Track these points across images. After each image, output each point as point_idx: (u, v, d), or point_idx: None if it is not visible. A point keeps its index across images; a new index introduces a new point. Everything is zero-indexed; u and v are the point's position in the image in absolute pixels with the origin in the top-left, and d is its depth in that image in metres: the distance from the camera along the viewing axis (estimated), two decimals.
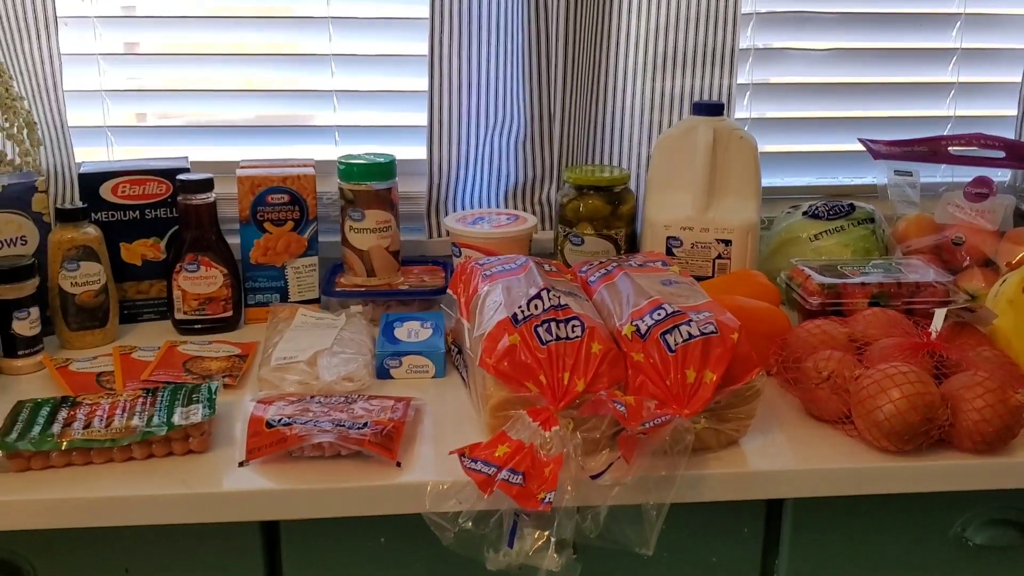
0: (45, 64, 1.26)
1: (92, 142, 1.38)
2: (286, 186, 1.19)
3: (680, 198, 1.23)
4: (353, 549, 0.91)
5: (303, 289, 1.24)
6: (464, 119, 1.33)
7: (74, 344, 1.14)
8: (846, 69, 1.48)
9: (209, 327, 1.19)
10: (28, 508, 0.84)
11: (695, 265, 1.23)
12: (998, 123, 1.47)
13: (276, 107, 1.44)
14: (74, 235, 1.12)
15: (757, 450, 0.92)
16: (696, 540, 0.95)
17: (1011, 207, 1.28)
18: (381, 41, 1.40)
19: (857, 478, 0.90)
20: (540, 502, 0.79)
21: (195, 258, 1.17)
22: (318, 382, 1.00)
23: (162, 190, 1.20)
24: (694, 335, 0.87)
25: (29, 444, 0.86)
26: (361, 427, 0.89)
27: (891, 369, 0.91)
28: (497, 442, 0.83)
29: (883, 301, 1.11)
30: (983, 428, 0.89)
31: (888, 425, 0.89)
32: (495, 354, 0.87)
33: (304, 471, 0.87)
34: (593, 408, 0.83)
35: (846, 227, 1.27)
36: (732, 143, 1.23)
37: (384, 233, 1.22)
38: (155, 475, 0.87)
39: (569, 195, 1.27)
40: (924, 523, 0.97)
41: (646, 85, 1.34)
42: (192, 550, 0.90)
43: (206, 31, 1.38)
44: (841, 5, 1.44)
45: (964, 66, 1.48)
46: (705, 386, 0.86)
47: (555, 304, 0.90)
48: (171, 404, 0.93)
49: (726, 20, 1.31)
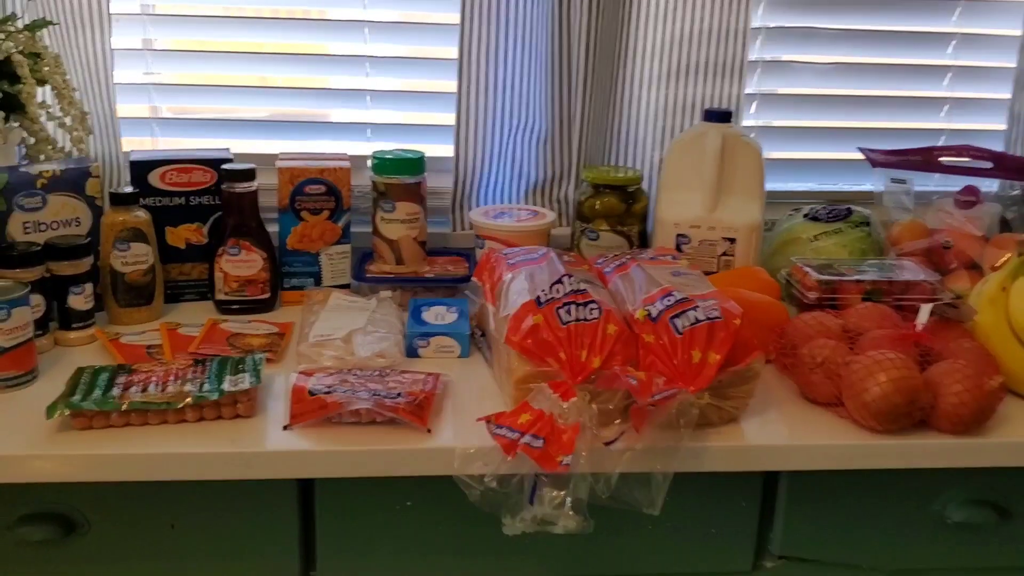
0: (98, 58, 1.34)
1: (137, 132, 1.46)
2: (323, 178, 1.27)
3: (689, 198, 1.32)
4: (381, 509, 1.00)
5: (336, 275, 1.32)
6: (489, 120, 1.41)
7: (122, 320, 1.22)
8: (848, 82, 1.57)
9: (247, 308, 1.27)
10: (90, 462, 0.92)
11: (702, 261, 1.31)
12: (989, 136, 1.55)
13: (313, 104, 1.52)
14: (126, 218, 1.20)
15: (755, 427, 1.01)
16: (697, 512, 1.03)
17: (997, 214, 1.36)
18: (413, 45, 1.49)
19: (847, 453, 0.99)
20: (558, 464, 0.87)
21: (237, 243, 1.25)
22: (353, 357, 1.08)
23: (207, 178, 1.27)
24: (700, 319, 0.95)
25: (93, 404, 0.94)
26: (395, 397, 0.97)
27: (879, 356, 0.99)
28: (520, 411, 0.92)
29: (875, 297, 1.19)
30: (960, 411, 0.97)
31: (875, 406, 0.97)
32: (520, 332, 0.95)
33: (342, 435, 0.95)
34: (608, 382, 0.91)
35: (844, 229, 1.36)
36: (739, 148, 1.31)
37: (413, 224, 1.31)
38: (206, 435, 0.95)
39: (586, 193, 1.36)
40: (908, 501, 1.05)
41: (660, 93, 1.42)
42: (231, 507, 0.98)
43: (252, 32, 1.47)
44: (845, 22, 1.53)
45: (958, 82, 1.56)
46: (709, 366, 0.94)
47: (575, 289, 0.98)
48: (220, 373, 1.01)
49: (736, 34, 1.40)
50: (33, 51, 1.23)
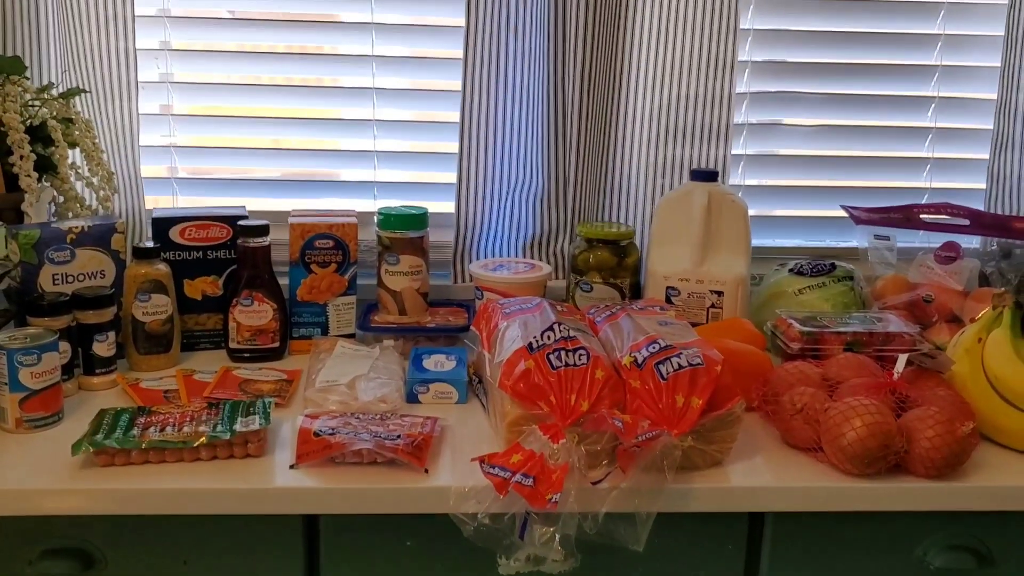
0: (125, 123, 1.44)
1: (160, 191, 1.56)
2: (332, 233, 1.35)
3: (679, 252, 1.39)
4: (383, 547, 1.05)
5: (342, 325, 1.39)
6: (489, 178, 1.50)
7: (141, 367, 1.29)
8: (834, 143, 1.65)
9: (258, 356, 1.34)
10: (112, 496, 0.98)
11: (691, 313, 1.38)
12: (970, 195, 1.62)
13: (324, 164, 1.62)
14: (148, 270, 1.28)
15: (738, 470, 1.06)
16: (685, 553, 1.08)
17: (976, 269, 1.43)
18: (417, 109, 1.58)
19: (824, 495, 1.04)
20: (548, 502, 0.92)
21: (250, 294, 1.32)
22: (356, 402, 1.15)
23: (223, 234, 1.36)
24: (683, 366, 1.01)
25: (114, 442, 1.01)
26: (395, 438, 1.03)
27: (855, 402, 1.05)
28: (512, 452, 0.97)
29: (856, 348, 1.25)
30: (933, 455, 1.02)
31: (851, 450, 1.02)
32: (512, 377, 1.02)
33: (345, 474, 1.01)
34: (595, 424, 0.97)
35: (827, 283, 1.42)
36: (725, 206, 1.39)
37: (416, 276, 1.38)
38: (219, 473, 1.01)
39: (580, 247, 1.43)
40: (890, 546, 1.09)
41: (650, 154, 1.51)
42: (241, 545, 1.03)
43: (267, 98, 1.57)
44: (827, 87, 1.61)
45: (939, 143, 1.64)
46: (692, 410, 1.00)
47: (565, 336, 1.05)
48: (232, 415, 1.07)
49: (721, 99, 1.49)
50: (66, 116, 1.33)
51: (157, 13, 1.50)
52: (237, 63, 1.56)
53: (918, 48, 1.61)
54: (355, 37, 1.54)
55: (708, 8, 1.46)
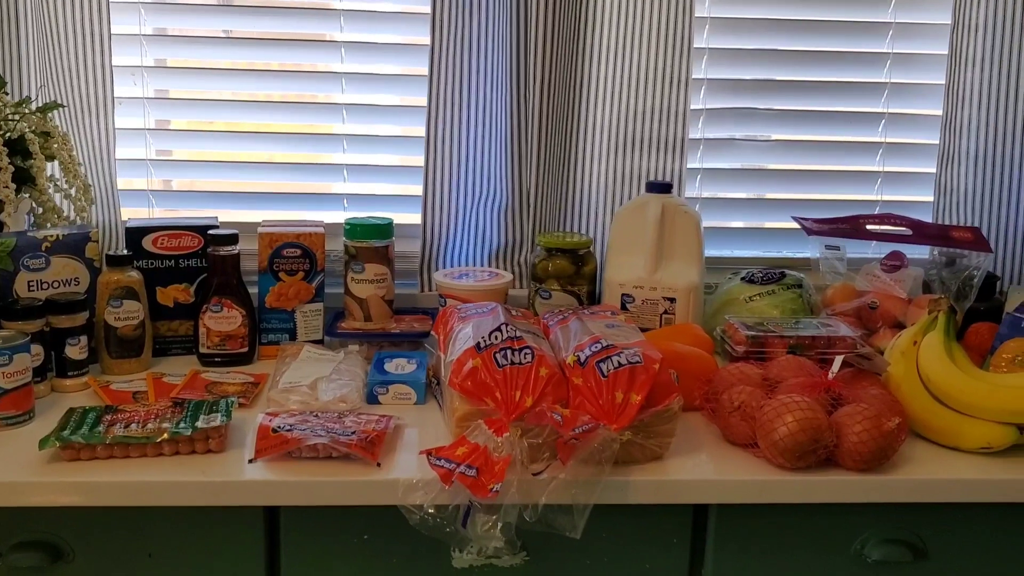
0: (102, 137, 1.50)
1: (136, 203, 1.61)
2: (299, 242, 1.41)
3: (634, 261, 1.44)
4: (340, 540, 1.09)
5: (310, 331, 1.44)
6: (454, 191, 1.56)
7: (113, 370, 1.34)
8: (788, 158, 1.71)
9: (228, 360, 1.39)
10: (76, 488, 1.03)
11: (645, 319, 1.43)
12: (919, 207, 1.68)
13: (296, 177, 1.67)
14: (120, 277, 1.33)
15: (678, 465, 1.11)
16: (632, 548, 1.12)
17: (920, 277, 1.48)
18: (386, 124, 1.65)
19: (759, 488, 1.08)
20: (489, 491, 0.97)
21: (219, 301, 1.37)
22: (317, 402, 1.20)
23: (194, 243, 1.41)
24: (623, 363, 1.07)
25: (80, 438, 1.06)
26: (350, 434, 1.08)
27: (787, 399, 1.10)
28: (458, 444, 1.02)
29: (799, 351, 1.30)
30: (861, 448, 1.07)
31: (783, 444, 1.07)
32: (461, 374, 1.07)
33: (301, 468, 1.06)
34: (536, 418, 1.02)
35: (777, 291, 1.48)
36: (678, 217, 1.45)
37: (381, 284, 1.43)
38: (180, 467, 1.06)
39: (540, 256, 1.49)
40: (830, 540, 1.14)
41: (608, 166, 1.57)
42: (204, 537, 1.08)
43: (239, 113, 1.63)
44: (781, 103, 1.68)
45: (889, 158, 1.70)
46: (631, 405, 1.05)
47: (512, 336, 1.10)
48: (195, 413, 1.12)
49: (676, 114, 1.55)
50: (44, 130, 1.38)
51: (133, 31, 1.56)
52: (213, 80, 1.62)
53: (868, 66, 1.68)
54: (325, 55, 1.61)
55: (663, 27, 1.52)
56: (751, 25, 1.65)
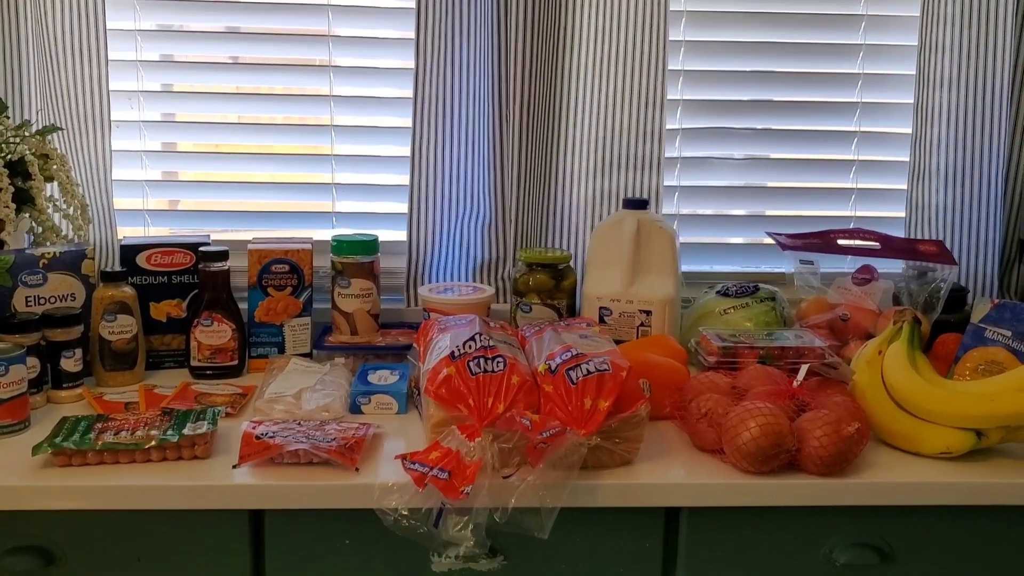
0: (99, 158, 1.56)
1: (132, 223, 1.67)
2: (287, 258, 1.46)
3: (611, 275, 1.49)
4: (323, 544, 1.13)
5: (297, 345, 1.49)
6: (438, 209, 1.61)
7: (107, 382, 1.39)
8: (763, 175, 1.76)
9: (218, 373, 1.43)
10: (67, 493, 1.07)
11: (622, 331, 1.48)
12: (892, 223, 1.73)
13: (286, 197, 1.73)
14: (114, 293, 1.38)
15: (647, 469, 1.15)
16: (605, 552, 1.16)
17: (890, 290, 1.53)
18: (372, 145, 1.70)
19: (723, 491, 1.12)
20: (461, 493, 1.01)
21: (210, 315, 1.42)
22: (300, 411, 1.24)
23: (187, 260, 1.46)
24: (592, 371, 1.11)
25: (71, 444, 1.10)
26: (330, 441, 1.13)
27: (751, 406, 1.14)
28: (432, 449, 1.07)
29: (768, 361, 1.34)
30: (821, 453, 1.11)
31: (746, 448, 1.11)
32: (436, 382, 1.11)
33: (283, 473, 1.10)
34: (507, 423, 1.07)
35: (751, 304, 1.52)
36: (654, 232, 1.49)
37: (367, 298, 1.48)
38: (167, 472, 1.11)
39: (521, 271, 1.54)
40: (799, 543, 1.17)
41: (587, 184, 1.62)
42: (191, 542, 1.12)
43: (233, 135, 1.69)
44: (756, 122, 1.73)
45: (861, 175, 1.75)
46: (599, 411, 1.09)
47: (485, 345, 1.15)
48: (183, 422, 1.17)
49: (653, 133, 1.61)
50: (43, 152, 1.44)
51: (130, 57, 1.62)
52: (208, 103, 1.68)
53: (840, 86, 1.73)
54: (314, 79, 1.67)
55: (639, 50, 1.58)
56: (726, 47, 1.71)
